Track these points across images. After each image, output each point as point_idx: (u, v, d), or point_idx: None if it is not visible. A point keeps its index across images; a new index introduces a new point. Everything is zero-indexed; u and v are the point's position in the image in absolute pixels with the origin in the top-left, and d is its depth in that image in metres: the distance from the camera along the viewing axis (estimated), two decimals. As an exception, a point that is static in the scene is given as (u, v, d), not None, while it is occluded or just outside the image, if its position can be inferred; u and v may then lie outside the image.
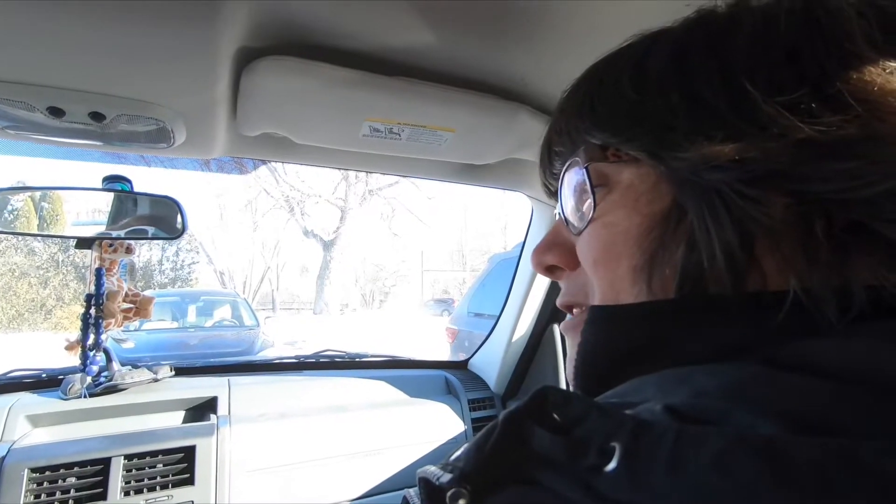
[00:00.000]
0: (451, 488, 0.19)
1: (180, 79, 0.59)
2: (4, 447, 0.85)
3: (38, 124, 0.64)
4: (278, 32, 0.60)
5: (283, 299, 21.51)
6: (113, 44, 0.52)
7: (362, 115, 0.73)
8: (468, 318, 4.35)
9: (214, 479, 0.92)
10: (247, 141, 0.83)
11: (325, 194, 14.41)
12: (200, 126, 0.71)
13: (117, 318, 0.95)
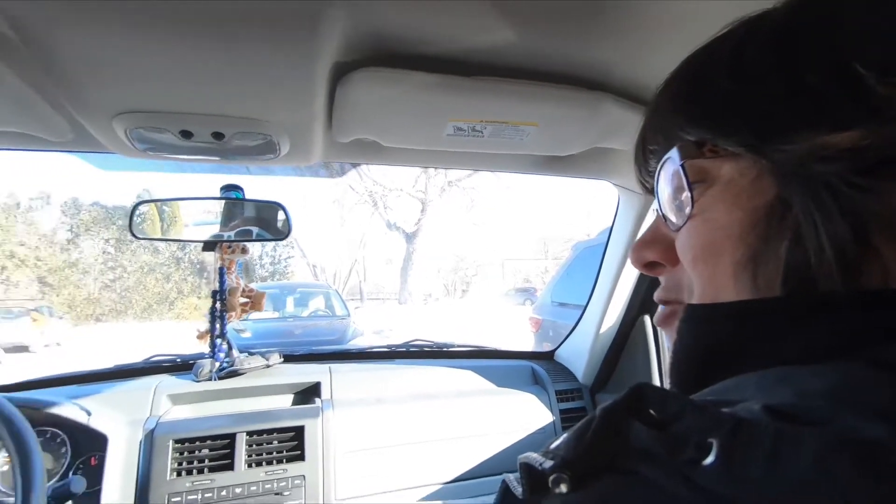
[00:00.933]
0: (552, 473, 0.21)
1: (285, 98, 0.66)
2: (153, 421, 1.00)
3: (170, 145, 0.74)
4: (367, 46, 0.64)
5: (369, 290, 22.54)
6: (232, 73, 0.59)
7: (446, 117, 0.75)
8: (551, 308, 4.28)
9: (321, 456, 1.02)
10: (340, 147, 0.89)
11: (407, 188, 14.83)
12: (301, 137, 0.78)
13: (237, 311, 1.08)
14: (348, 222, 20.01)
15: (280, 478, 0.98)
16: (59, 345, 11.54)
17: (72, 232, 20.14)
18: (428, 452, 1.10)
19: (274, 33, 0.54)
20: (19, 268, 18.28)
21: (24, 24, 0.49)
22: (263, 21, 0.52)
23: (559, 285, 4.37)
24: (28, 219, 19.49)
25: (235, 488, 0.95)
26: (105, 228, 20.43)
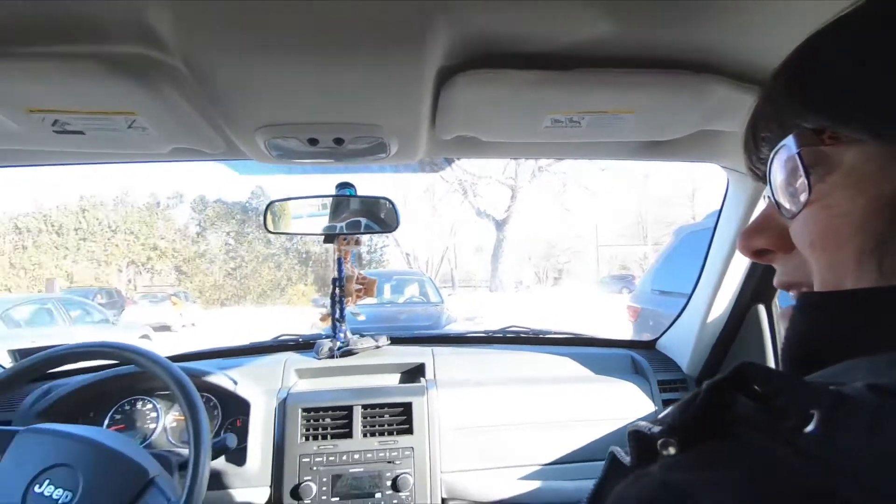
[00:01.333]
0: (661, 438, 0.24)
1: (396, 103, 0.73)
2: (284, 392, 1.15)
3: (298, 151, 0.84)
4: (468, 50, 0.68)
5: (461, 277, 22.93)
6: (352, 86, 0.67)
7: (545, 111, 0.77)
8: (651, 296, 4.07)
9: (427, 430, 1.10)
10: (442, 144, 0.95)
11: (496, 175, 14.81)
12: (408, 137, 0.84)
13: (353, 297, 1.20)
14: (439, 211, 20.47)
15: (391, 448, 1.08)
16: (193, 325, 13.23)
17: (200, 226, 22.81)
18: (527, 435, 1.14)
19: (386, 48, 0.60)
20: (161, 258, 21.12)
21: (193, 60, 0.60)
22: (378, 38, 0.58)
23: (660, 272, 4.14)
24: (166, 216, 22.40)
25: (354, 454, 1.06)
26: (226, 223, 22.87)
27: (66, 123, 0.67)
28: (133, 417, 1.15)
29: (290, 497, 1.03)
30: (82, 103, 0.64)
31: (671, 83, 0.72)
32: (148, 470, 0.82)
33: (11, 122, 0.65)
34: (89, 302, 9.65)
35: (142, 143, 0.75)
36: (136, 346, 0.91)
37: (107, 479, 0.80)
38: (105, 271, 20.08)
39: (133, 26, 0.56)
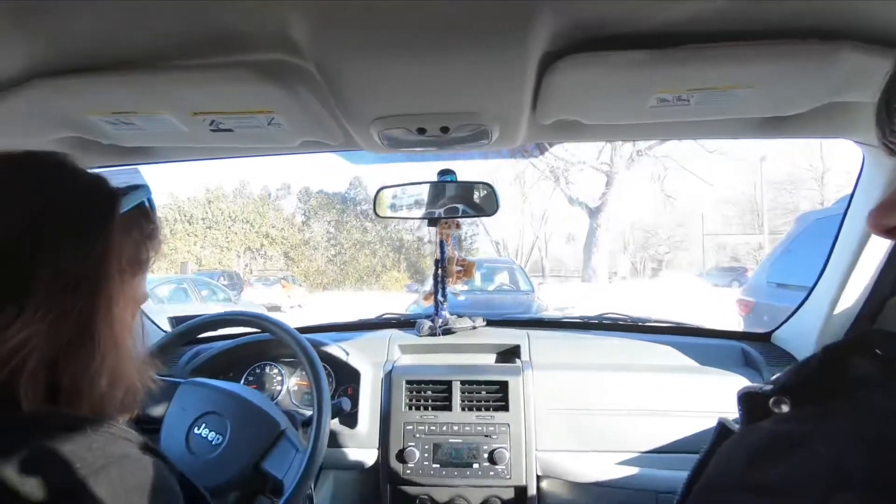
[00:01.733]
0: (773, 396, 0.25)
1: (499, 91, 0.76)
2: (389, 365, 1.25)
3: (407, 140, 0.91)
4: (572, 34, 0.69)
5: (551, 267, 22.47)
6: (458, 76, 0.71)
7: (652, 90, 0.76)
8: (767, 289, 3.69)
9: (523, 409, 1.14)
10: (542, 129, 0.96)
11: (590, 160, 14.21)
12: (509, 123, 0.87)
13: (453, 278, 1.27)
14: (529, 199, 20.17)
15: (488, 423, 1.13)
16: (300, 307, 14.42)
17: (305, 215, 24.64)
18: (624, 421, 1.13)
19: (492, 38, 0.63)
20: (272, 245, 23.16)
21: (322, 62, 0.68)
22: (484, 29, 0.62)
23: (778, 263, 3.74)
24: (276, 206, 24.47)
25: (453, 426, 1.13)
26: (327, 212, 24.48)
27: (220, 123, 0.79)
28: (263, 379, 1.32)
29: (395, 460, 1.12)
30: (233, 105, 0.75)
31: (793, 53, 0.67)
32: (280, 423, 0.95)
33: (180, 123, 0.79)
34: (215, 283, 10.94)
35: (277, 138, 0.86)
36: (272, 317, 1.05)
37: (248, 428, 0.93)
38: (227, 256, 22.52)
39: (276, 37, 0.65)
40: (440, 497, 1.13)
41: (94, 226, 0.43)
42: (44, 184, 0.43)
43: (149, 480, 0.37)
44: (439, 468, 1.11)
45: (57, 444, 0.35)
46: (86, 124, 0.79)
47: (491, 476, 1.10)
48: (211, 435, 0.93)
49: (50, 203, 0.41)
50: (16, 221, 0.39)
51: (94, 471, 0.34)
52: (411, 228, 24.75)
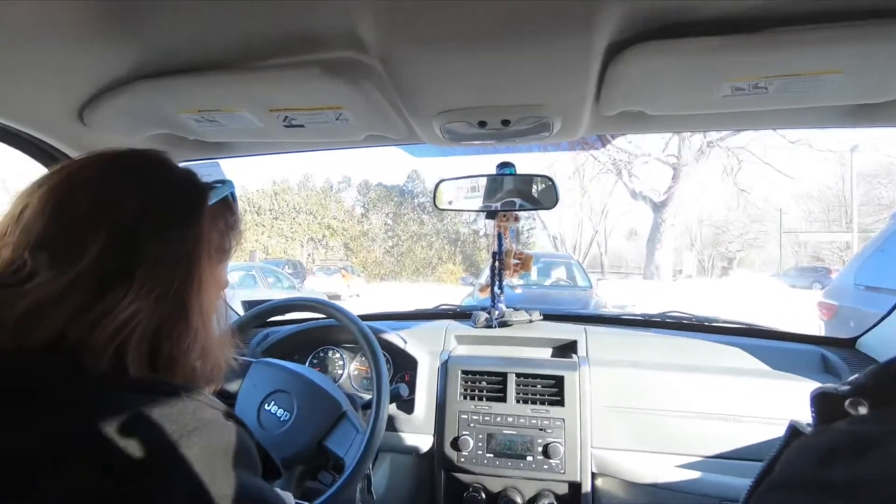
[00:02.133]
0: (850, 396, 0.24)
1: (562, 82, 0.75)
2: (445, 354, 1.27)
3: (468, 134, 0.92)
4: (640, 22, 0.67)
5: (611, 263, 21.77)
6: (521, 69, 0.71)
7: (722, 78, 0.72)
8: (854, 292, 3.37)
9: (579, 405, 1.12)
10: (604, 120, 0.94)
11: (655, 153, 13.57)
12: (571, 115, 0.86)
13: (510, 270, 1.28)
14: (589, 193, 19.58)
15: (543, 416, 1.12)
16: (358, 296, 14.89)
17: (364, 207, 25.34)
18: (686, 423, 1.09)
19: (556, 29, 0.63)
20: (333, 235, 24.02)
21: (387, 58, 0.70)
22: (548, 20, 0.61)
23: (869, 264, 3.41)
24: (337, 198, 25.32)
25: (507, 417, 1.14)
26: (385, 204, 25.04)
27: (293, 119, 0.84)
28: (326, 363, 1.39)
29: (450, 447, 1.14)
30: (305, 101, 0.79)
31: (886, 34, 0.62)
32: (342, 404, 1.00)
33: (257, 120, 0.84)
34: (280, 271, 11.52)
35: (344, 132, 0.91)
36: (337, 304, 1.11)
37: (313, 407, 0.99)
38: (291, 246, 23.64)
39: (345, 36, 0.68)
40: (493, 486, 1.15)
41: (188, 215, 0.48)
42: (149, 177, 0.48)
43: (232, 443, 0.41)
44: (493, 458, 1.12)
45: (158, 406, 0.39)
46: (176, 121, 0.86)
47: (544, 469, 1.10)
48: (280, 412, 1.00)
49: (154, 195, 0.47)
50: (127, 210, 0.44)
51: (187, 432, 0.38)
52: (467, 221, 24.83)
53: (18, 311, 0.39)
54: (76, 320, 0.40)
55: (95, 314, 0.41)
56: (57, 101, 0.80)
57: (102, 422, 0.36)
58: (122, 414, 0.37)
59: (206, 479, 0.37)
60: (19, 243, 0.42)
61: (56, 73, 0.73)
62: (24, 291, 0.39)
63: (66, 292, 0.40)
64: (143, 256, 0.44)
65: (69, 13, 0.61)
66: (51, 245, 0.42)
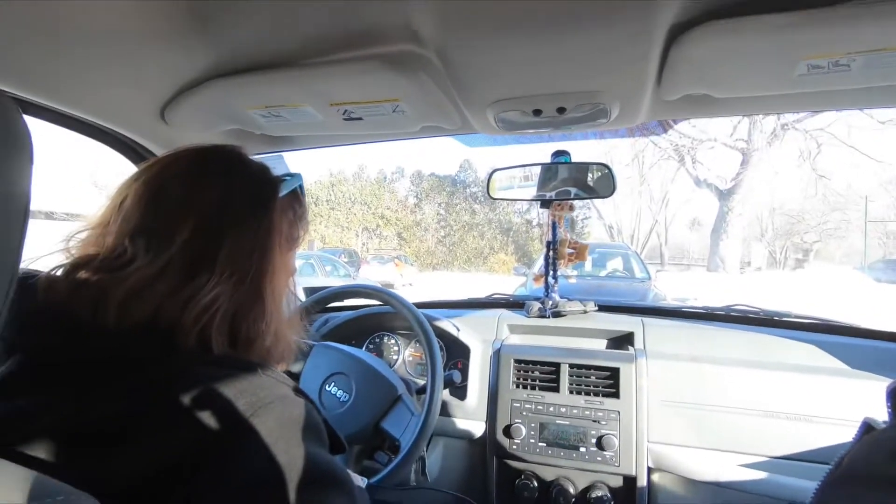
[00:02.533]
0: None
1: (620, 67, 0.73)
2: (498, 343, 1.28)
3: (522, 122, 0.92)
4: (702, 1, 0.64)
5: (671, 254, 20.84)
6: (577, 55, 0.70)
7: (798, 56, 0.68)
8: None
9: (635, 398, 1.10)
10: (666, 105, 0.91)
11: (722, 137, 12.76)
12: (630, 101, 0.84)
13: (565, 260, 1.26)
14: (648, 181, 18.77)
15: (597, 408, 1.11)
16: (411, 285, 15.15)
17: (417, 197, 25.62)
18: (751, 422, 1.04)
19: (614, 12, 0.61)
20: (386, 225, 24.50)
21: (443, 50, 0.71)
22: (607, 3, 0.60)
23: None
24: (391, 188, 25.76)
25: (560, 407, 1.13)
26: (438, 194, 25.20)
27: (352, 112, 0.87)
28: (381, 348, 1.44)
29: (502, 434, 1.16)
30: (363, 95, 0.82)
31: None
32: (397, 388, 1.04)
33: (319, 114, 0.88)
34: (336, 259, 11.92)
35: (401, 124, 0.93)
36: (394, 291, 1.14)
37: (370, 389, 1.03)
38: (346, 235, 24.36)
39: (402, 29, 0.70)
40: (545, 475, 1.15)
41: (262, 206, 0.52)
42: (229, 171, 0.52)
43: (303, 417, 0.44)
44: (545, 447, 1.12)
45: (237, 380, 0.43)
46: (245, 117, 0.92)
47: (598, 461, 1.09)
48: (339, 392, 1.05)
49: (233, 187, 0.51)
50: (211, 201, 0.49)
51: (262, 405, 0.42)
52: (520, 211, 24.55)
53: (121, 292, 0.43)
54: (168, 302, 0.45)
55: (184, 296, 0.45)
56: (143, 102, 0.87)
57: (189, 393, 0.40)
58: (206, 386, 0.41)
59: (279, 449, 0.40)
60: (120, 231, 0.47)
61: (142, 76, 0.80)
62: (125, 275, 0.44)
63: (160, 276, 0.45)
64: (224, 244, 0.48)
65: (152, 18, 0.67)
66: (147, 232, 0.47)
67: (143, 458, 0.37)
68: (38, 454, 0.37)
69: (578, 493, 1.12)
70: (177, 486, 0.37)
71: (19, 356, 0.44)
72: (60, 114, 0.84)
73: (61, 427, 0.38)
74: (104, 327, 0.43)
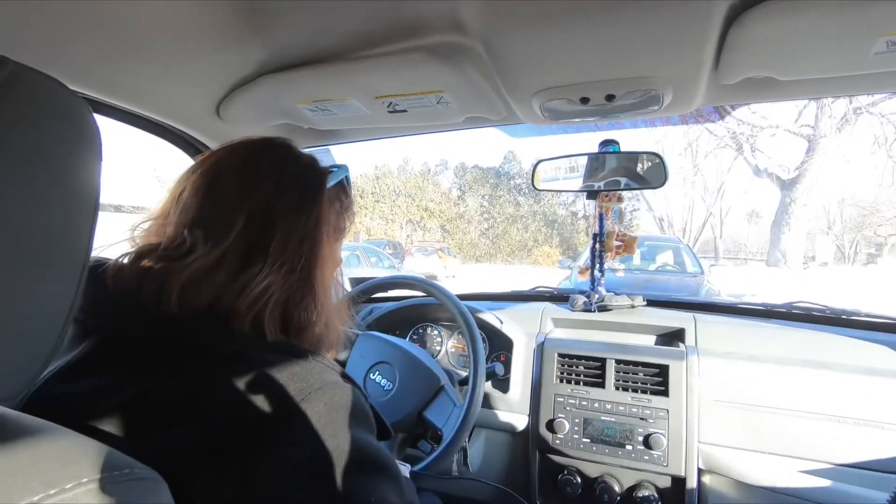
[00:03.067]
0: None
1: (674, 51, 0.70)
2: (542, 336, 1.26)
3: (569, 111, 0.89)
4: None
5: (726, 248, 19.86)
6: (626, 40, 0.67)
7: (876, 32, 0.62)
8: None
9: (685, 396, 1.06)
10: (724, 89, 0.86)
11: (786, 123, 11.96)
12: (685, 86, 0.80)
13: (612, 252, 1.23)
14: (702, 170, 17.90)
15: (645, 406, 1.08)
16: (454, 277, 15.20)
17: (460, 190, 25.62)
18: (815, 426, 0.98)
19: None
20: (430, 217, 24.65)
21: (488, 39, 0.70)
22: None
23: None
24: (434, 181, 25.87)
25: (606, 404, 1.11)
26: (482, 186, 25.09)
27: (397, 104, 0.88)
28: (424, 339, 1.45)
29: (545, 428, 1.14)
30: (408, 87, 0.82)
31: None
32: (440, 378, 1.05)
33: (364, 107, 0.89)
34: (381, 251, 12.13)
35: (445, 115, 0.93)
36: (437, 283, 1.15)
37: (413, 379, 1.05)
38: (391, 227, 24.70)
39: (447, 19, 0.69)
40: (589, 472, 1.13)
41: (311, 196, 0.54)
42: (279, 163, 0.54)
43: (350, 403, 0.45)
44: (589, 443, 1.10)
45: (289, 365, 0.45)
46: (294, 112, 0.94)
47: (645, 460, 1.06)
48: (383, 381, 1.07)
49: (284, 178, 0.53)
50: (264, 192, 0.51)
51: (313, 390, 0.43)
52: (565, 203, 24.06)
53: (182, 281, 0.46)
54: (226, 289, 0.47)
55: (240, 284, 0.47)
56: (200, 99, 0.91)
57: (244, 376, 0.42)
58: (260, 370, 0.43)
59: (328, 434, 0.42)
60: (179, 222, 0.50)
61: (199, 75, 0.84)
62: (185, 264, 0.47)
63: (219, 264, 0.47)
64: (276, 234, 0.50)
65: (209, 19, 0.69)
66: (204, 223, 0.49)
67: (200, 436, 0.40)
68: (108, 429, 0.40)
69: (624, 491, 1.10)
70: (232, 463, 0.39)
71: (93, 338, 0.47)
72: (125, 112, 0.89)
73: (129, 404, 0.41)
74: (167, 313, 0.45)
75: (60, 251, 0.33)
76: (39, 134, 0.31)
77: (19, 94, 0.30)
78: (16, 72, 0.30)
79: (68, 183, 0.33)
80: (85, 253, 0.35)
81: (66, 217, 0.33)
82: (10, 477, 0.28)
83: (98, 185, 0.35)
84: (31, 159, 0.31)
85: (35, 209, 0.31)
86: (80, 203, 0.34)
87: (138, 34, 0.70)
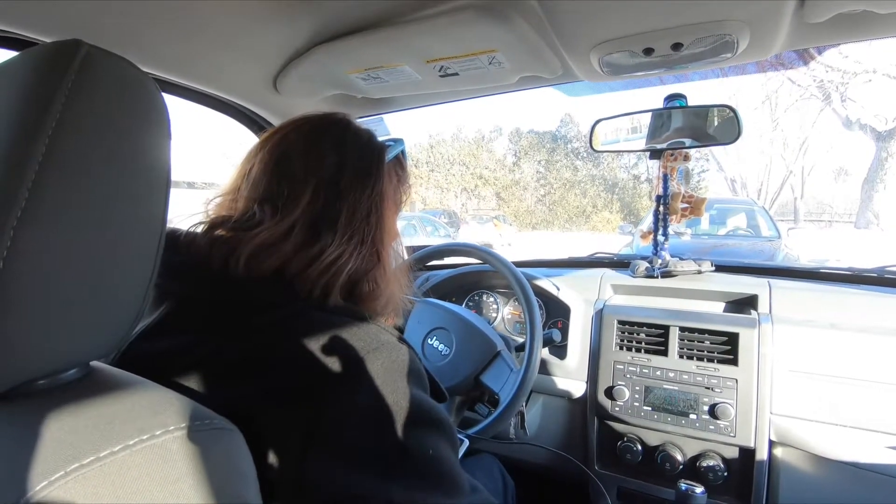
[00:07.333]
0: None
1: (753, -13, 0.63)
2: (601, 303, 1.23)
3: (631, 65, 0.84)
4: None
5: (808, 209, 18.28)
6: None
7: None
8: None
9: (756, 366, 1.00)
10: (811, 29, 0.77)
11: (884, 67, 10.60)
12: (764, 27, 0.72)
13: (678, 215, 1.16)
14: (782, 125, 16.38)
15: (711, 375, 1.03)
16: (510, 245, 15.07)
17: (515, 156, 25.08)
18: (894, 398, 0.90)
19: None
20: (485, 185, 24.41)
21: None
22: None
23: None
24: (489, 148, 25.46)
25: (668, 372, 1.07)
26: (537, 151, 24.41)
27: (448, 68, 0.86)
28: (480, 306, 1.46)
29: (603, 395, 1.13)
30: (459, 48, 0.80)
31: None
32: (496, 344, 1.05)
33: (415, 72, 0.88)
34: (437, 220, 12.22)
35: (497, 77, 0.90)
36: (493, 250, 1.15)
37: (470, 344, 1.06)
38: (446, 196, 24.73)
39: (498, -28, 0.66)
40: (650, 440, 1.11)
41: (373, 171, 0.56)
42: (342, 138, 0.56)
43: (406, 363, 0.47)
44: (650, 411, 1.08)
45: (349, 327, 0.47)
46: (346, 81, 0.95)
47: (710, 430, 1.02)
48: (441, 346, 1.09)
49: (346, 154, 0.55)
50: (328, 167, 0.53)
51: (372, 349, 0.46)
52: (626, 165, 22.95)
53: (251, 247, 0.49)
54: (295, 257, 0.50)
55: (311, 254, 0.50)
56: (258, 74, 0.94)
57: (308, 334, 0.45)
58: (322, 330, 0.45)
59: (387, 390, 0.44)
60: (250, 196, 0.54)
61: (255, 51, 0.86)
62: (255, 234, 0.50)
63: (287, 235, 0.50)
64: (342, 209, 0.52)
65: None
66: (273, 198, 0.53)
67: (268, 388, 0.42)
68: (189, 384, 0.44)
69: (687, 460, 1.07)
70: (299, 413, 0.41)
71: (171, 300, 0.51)
72: (192, 90, 0.93)
73: (204, 361, 0.45)
74: (234, 276, 0.48)
75: (140, 220, 0.36)
76: (114, 112, 0.34)
77: (95, 74, 0.32)
78: (91, 54, 0.32)
79: (143, 158, 0.36)
80: (161, 223, 0.38)
81: (144, 188, 0.36)
82: (107, 423, 0.32)
83: (168, 160, 0.38)
84: (108, 136, 0.33)
85: (117, 181, 0.34)
86: (155, 176, 0.37)
87: (200, 14, 0.72)
